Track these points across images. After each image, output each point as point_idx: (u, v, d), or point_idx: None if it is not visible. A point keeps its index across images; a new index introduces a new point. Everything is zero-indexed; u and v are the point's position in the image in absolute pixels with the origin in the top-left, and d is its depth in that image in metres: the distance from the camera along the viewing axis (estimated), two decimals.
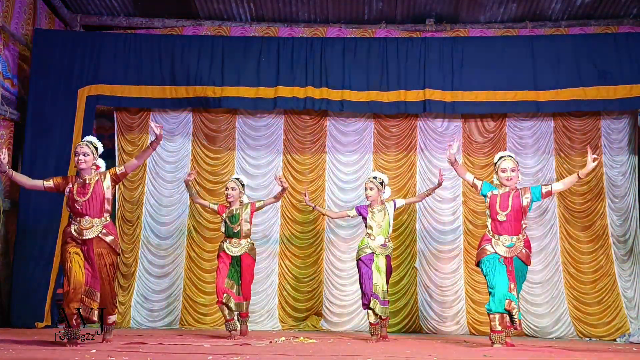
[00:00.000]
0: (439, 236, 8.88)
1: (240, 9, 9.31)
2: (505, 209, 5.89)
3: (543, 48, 8.46)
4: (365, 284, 6.84)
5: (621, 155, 8.85)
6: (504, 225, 5.91)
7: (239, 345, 5.74)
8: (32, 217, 8.00)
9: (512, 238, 5.90)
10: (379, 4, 9.14)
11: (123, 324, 8.58)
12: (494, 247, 5.92)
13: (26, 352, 4.79)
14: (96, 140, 5.89)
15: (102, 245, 5.63)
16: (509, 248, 5.88)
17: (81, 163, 5.70)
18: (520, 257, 5.92)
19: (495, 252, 5.89)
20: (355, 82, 8.53)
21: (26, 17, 8.55)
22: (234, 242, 7.03)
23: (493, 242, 5.93)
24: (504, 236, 5.90)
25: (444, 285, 8.76)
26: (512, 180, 5.98)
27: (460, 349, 5.88)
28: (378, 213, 6.96)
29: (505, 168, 6.00)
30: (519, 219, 5.94)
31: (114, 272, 5.85)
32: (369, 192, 7.01)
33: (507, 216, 5.89)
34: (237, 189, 7.11)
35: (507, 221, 5.90)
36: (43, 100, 8.33)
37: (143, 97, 8.57)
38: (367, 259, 6.87)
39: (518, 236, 5.92)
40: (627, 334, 8.12)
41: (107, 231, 5.67)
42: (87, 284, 5.51)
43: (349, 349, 5.69)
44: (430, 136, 9.09)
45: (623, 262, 8.64)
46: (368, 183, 7.07)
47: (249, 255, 7.08)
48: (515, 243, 5.89)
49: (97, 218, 5.63)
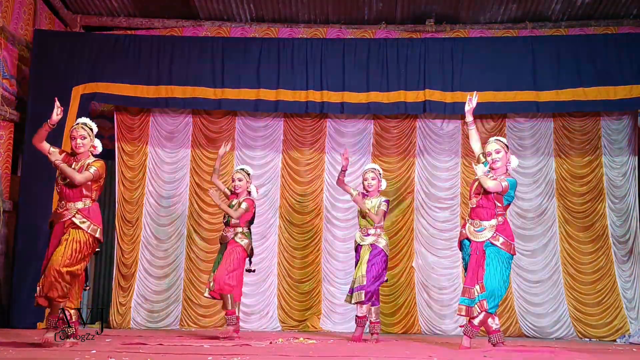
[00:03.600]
0: (437, 233, 8.88)
1: (240, 10, 9.31)
2: (477, 194, 5.70)
3: (543, 48, 8.46)
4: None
5: (621, 156, 8.86)
6: (475, 210, 5.71)
7: (238, 345, 5.74)
8: (32, 217, 7.99)
9: (484, 223, 5.65)
10: (378, 5, 9.14)
11: (123, 324, 8.59)
12: (466, 231, 5.76)
13: (26, 353, 4.78)
14: (90, 121, 5.68)
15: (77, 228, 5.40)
16: (477, 232, 5.67)
17: (79, 147, 5.53)
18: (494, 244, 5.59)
19: (466, 238, 5.73)
20: (355, 83, 8.53)
21: (26, 17, 8.55)
22: (227, 230, 6.94)
23: (467, 224, 5.79)
24: (475, 220, 5.71)
25: (441, 284, 8.78)
26: (497, 162, 5.70)
27: (460, 349, 5.87)
28: (369, 204, 6.86)
29: (490, 151, 5.75)
30: (491, 206, 5.66)
31: (80, 255, 5.35)
32: (372, 182, 6.89)
33: (477, 203, 5.69)
34: (244, 179, 7.02)
35: (477, 207, 5.70)
36: (43, 100, 8.28)
37: (140, 96, 8.55)
38: (357, 252, 6.89)
39: (490, 221, 5.64)
40: (627, 334, 8.12)
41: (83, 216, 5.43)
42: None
43: (348, 350, 5.69)
44: (429, 137, 9.09)
45: (623, 262, 8.64)
46: (369, 173, 6.94)
47: (234, 241, 6.84)
48: (486, 228, 5.64)
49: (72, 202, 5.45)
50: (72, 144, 5.62)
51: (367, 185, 6.94)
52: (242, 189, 7.02)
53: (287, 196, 9.08)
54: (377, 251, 6.75)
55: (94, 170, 5.49)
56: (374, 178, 6.92)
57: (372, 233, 6.78)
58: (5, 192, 8.15)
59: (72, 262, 5.28)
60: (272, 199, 9.10)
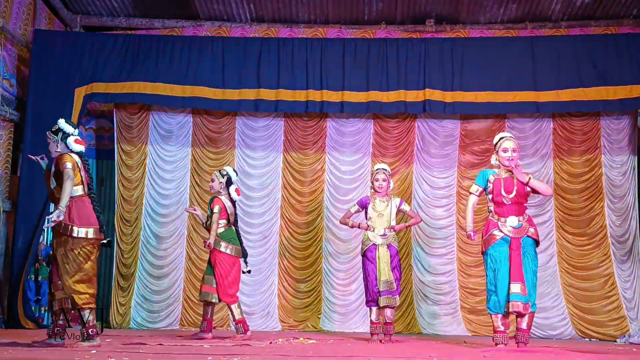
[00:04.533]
0: (433, 232, 8.89)
1: (240, 10, 9.31)
2: (510, 192, 5.80)
3: (543, 49, 8.47)
4: (370, 281, 6.74)
5: (621, 156, 8.85)
6: (508, 207, 5.79)
7: (238, 346, 5.74)
8: (31, 217, 7.99)
9: (519, 218, 5.78)
10: (379, 5, 9.14)
11: (123, 324, 8.60)
12: (502, 229, 5.77)
13: (26, 353, 4.78)
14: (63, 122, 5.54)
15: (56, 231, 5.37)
16: (516, 229, 5.75)
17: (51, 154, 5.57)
18: (530, 236, 5.77)
19: (505, 235, 5.73)
20: (355, 83, 8.54)
21: (25, 17, 8.55)
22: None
23: (500, 225, 5.79)
24: (510, 217, 5.77)
25: (439, 284, 8.78)
26: (513, 160, 5.81)
27: (460, 350, 5.87)
28: (381, 203, 6.92)
29: (507, 148, 5.84)
30: (522, 202, 5.84)
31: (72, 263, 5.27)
32: (382, 183, 6.93)
33: (511, 199, 5.78)
34: (216, 180, 6.99)
35: (511, 204, 5.80)
36: (43, 100, 8.33)
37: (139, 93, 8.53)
38: (370, 252, 6.80)
39: (523, 216, 5.81)
40: (626, 334, 8.11)
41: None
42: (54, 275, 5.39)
43: (348, 350, 5.69)
44: (428, 136, 9.10)
45: (622, 262, 8.64)
46: (381, 174, 6.96)
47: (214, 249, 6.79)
48: (522, 223, 5.77)
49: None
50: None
51: (377, 186, 6.96)
52: (214, 189, 7.00)
53: (288, 196, 9.08)
54: (395, 252, 6.87)
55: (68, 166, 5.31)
56: (385, 179, 6.96)
57: (388, 234, 6.87)
58: (5, 192, 8.15)
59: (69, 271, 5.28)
60: (273, 199, 9.10)
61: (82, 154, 5.54)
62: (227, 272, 6.79)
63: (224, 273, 6.77)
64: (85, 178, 5.47)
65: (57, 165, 5.36)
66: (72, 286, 5.24)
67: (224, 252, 6.80)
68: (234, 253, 6.85)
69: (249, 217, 8.99)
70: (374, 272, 6.74)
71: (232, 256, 6.83)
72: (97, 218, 5.45)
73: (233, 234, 6.92)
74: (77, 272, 5.27)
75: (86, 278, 5.30)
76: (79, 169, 5.42)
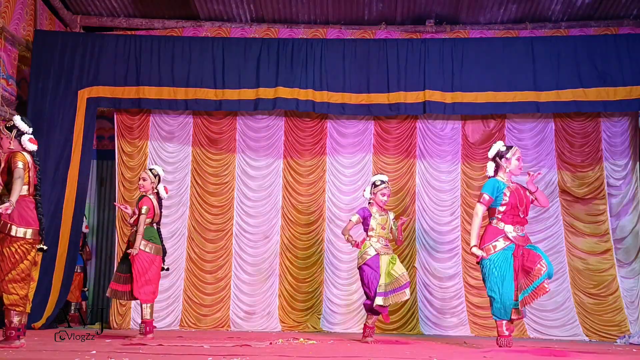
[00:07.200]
0: (438, 236, 8.89)
1: (240, 10, 9.31)
2: (523, 204, 5.82)
3: (543, 49, 8.46)
4: (372, 285, 6.68)
5: (622, 158, 8.85)
6: (518, 218, 5.81)
7: (239, 346, 5.74)
8: None
9: (523, 227, 5.82)
10: (379, 5, 9.14)
11: (123, 324, 8.59)
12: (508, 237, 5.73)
13: (26, 353, 4.78)
14: (19, 120, 5.49)
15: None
16: (521, 237, 5.77)
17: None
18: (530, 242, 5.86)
19: (510, 243, 5.70)
20: (355, 84, 8.54)
21: (26, 18, 8.56)
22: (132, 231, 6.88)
23: (506, 233, 5.74)
24: (517, 226, 5.77)
25: (443, 285, 8.78)
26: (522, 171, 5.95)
27: (460, 350, 5.88)
28: (380, 217, 6.93)
29: (520, 157, 5.93)
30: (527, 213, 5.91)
31: (7, 261, 5.24)
32: (387, 199, 6.95)
33: (523, 211, 5.82)
34: (148, 179, 6.90)
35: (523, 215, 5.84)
36: (43, 101, 8.34)
37: (142, 98, 8.55)
38: (372, 261, 6.72)
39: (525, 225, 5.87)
40: (627, 335, 8.10)
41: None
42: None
43: (348, 350, 5.69)
44: (429, 138, 9.09)
45: (624, 263, 8.64)
46: (386, 190, 6.92)
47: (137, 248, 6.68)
48: (525, 233, 5.84)
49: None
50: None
51: (382, 202, 6.90)
52: (145, 188, 6.93)
53: (289, 197, 9.07)
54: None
55: (20, 165, 5.26)
56: (389, 195, 7.01)
57: (389, 245, 6.95)
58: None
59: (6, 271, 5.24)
60: (275, 200, 9.10)
61: (34, 153, 5.53)
62: (145, 269, 6.68)
63: (142, 270, 6.66)
64: (33, 179, 5.44)
65: (8, 163, 5.33)
66: (3, 284, 5.23)
67: (143, 250, 6.69)
68: (154, 252, 6.77)
69: (250, 217, 9.00)
70: (376, 280, 6.67)
71: (152, 254, 6.74)
72: (39, 220, 5.42)
73: (154, 233, 6.85)
74: (10, 270, 5.26)
75: (19, 278, 5.27)
76: (29, 169, 5.40)
